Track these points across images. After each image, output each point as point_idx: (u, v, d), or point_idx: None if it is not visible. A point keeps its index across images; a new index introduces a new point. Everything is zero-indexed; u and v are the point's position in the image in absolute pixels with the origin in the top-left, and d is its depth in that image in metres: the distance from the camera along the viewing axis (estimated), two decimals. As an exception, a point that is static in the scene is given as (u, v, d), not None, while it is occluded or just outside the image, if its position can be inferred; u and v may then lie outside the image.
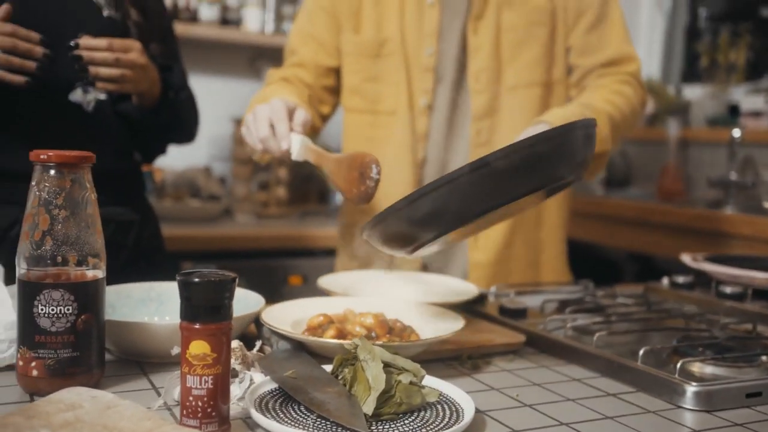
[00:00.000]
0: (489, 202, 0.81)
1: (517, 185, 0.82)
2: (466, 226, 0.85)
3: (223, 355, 0.68)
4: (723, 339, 1.00)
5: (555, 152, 0.83)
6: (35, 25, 1.20)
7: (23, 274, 0.77)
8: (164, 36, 1.47)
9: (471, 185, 0.79)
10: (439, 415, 0.74)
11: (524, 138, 0.81)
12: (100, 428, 0.64)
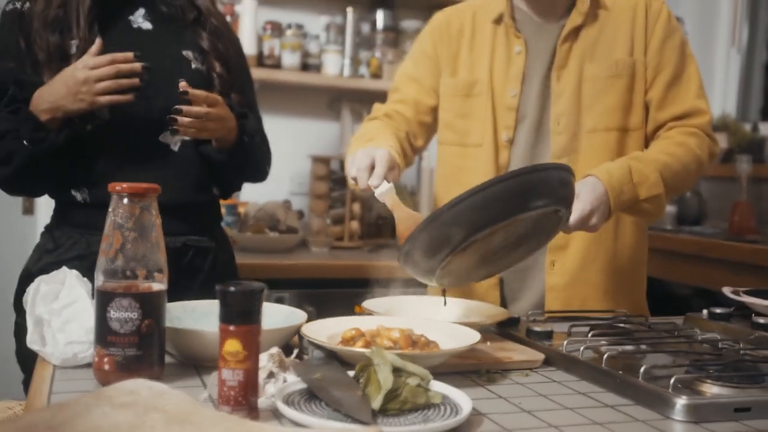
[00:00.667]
0: (472, 230, 0.96)
1: (491, 215, 1.01)
2: (467, 255, 0.99)
3: (253, 353, 0.82)
4: (731, 361, 1.07)
5: (520, 188, 1.01)
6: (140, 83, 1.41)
7: (100, 285, 0.93)
8: (243, 85, 1.65)
9: (453, 217, 0.97)
10: (440, 413, 0.85)
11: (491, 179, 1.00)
12: (151, 409, 0.78)
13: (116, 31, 1.50)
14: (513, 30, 1.57)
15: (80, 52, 1.44)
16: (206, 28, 1.56)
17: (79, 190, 1.49)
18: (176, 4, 1.56)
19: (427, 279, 1.18)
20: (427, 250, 1.07)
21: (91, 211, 1.46)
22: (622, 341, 1.19)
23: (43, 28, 1.45)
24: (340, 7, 2.94)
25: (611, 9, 1.56)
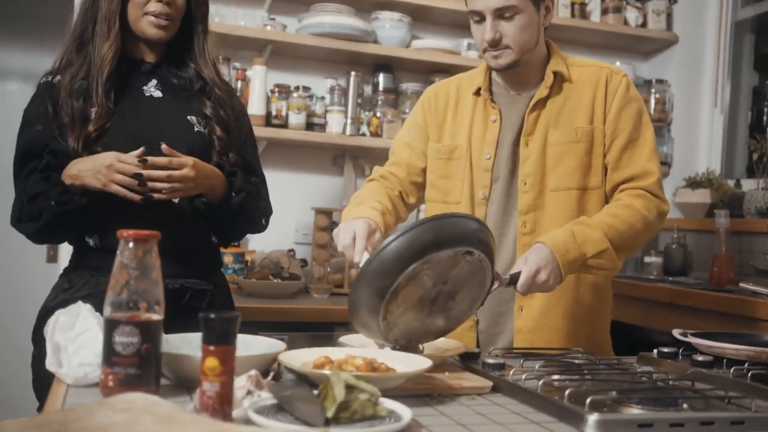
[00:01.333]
0: (391, 276, 1.26)
1: (403, 260, 1.27)
2: (402, 304, 1.23)
3: (228, 369, 0.99)
4: (650, 388, 1.23)
5: (424, 234, 1.29)
6: (140, 138, 1.63)
7: (108, 315, 1.12)
8: (246, 146, 1.86)
9: (374, 270, 1.28)
10: (384, 422, 1.02)
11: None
12: (144, 412, 0.96)
13: (130, 98, 1.73)
14: (489, 101, 1.79)
15: (97, 117, 1.67)
16: (210, 97, 1.78)
17: (91, 236, 1.71)
18: (185, 76, 1.79)
19: (379, 336, 1.38)
20: (365, 304, 1.32)
21: (101, 255, 1.67)
22: (565, 372, 1.35)
23: (68, 96, 1.68)
24: (344, 70, 3.17)
25: (576, 82, 1.76)
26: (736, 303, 2.31)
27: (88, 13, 1.74)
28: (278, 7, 3.09)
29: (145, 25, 1.72)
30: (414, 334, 1.41)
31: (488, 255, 1.39)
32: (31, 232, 1.71)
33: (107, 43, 1.70)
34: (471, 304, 1.43)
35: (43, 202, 1.64)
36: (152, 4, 1.71)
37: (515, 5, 1.65)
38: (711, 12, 3.56)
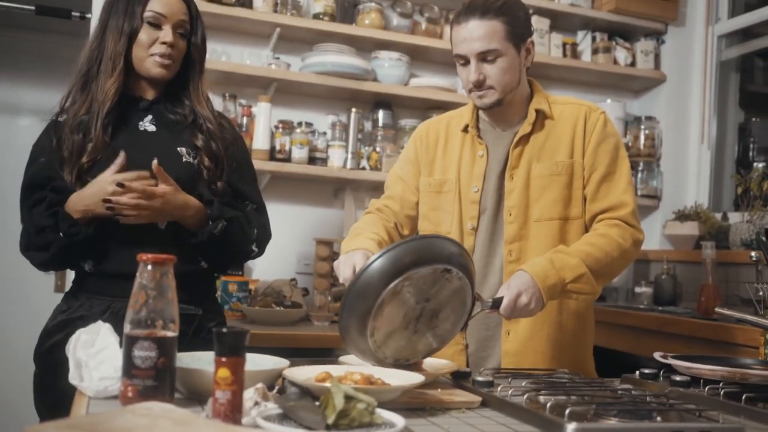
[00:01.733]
0: (377, 292, 1.39)
1: (385, 280, 1.40)
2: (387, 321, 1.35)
3: (238, 379, 1.10)
4: (627, 402, 1.33)
5: (404, 252, 1.45)
6: (129, 169, 1.75)
7: (128, 331, 1.23)
8: (243, 177, 1.97)
9: (361, 286, 1.41)
10: (380, 428, 1.12)
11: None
12: (161, 417, 1.06)
13: (125, 133, 1.85)
14: (476, 137, 1.91)
15: (91, 150, 1.79)
16: (202, 130, 1.90)
17: (86, 262, 1.82)
18: (180, 112, 1.91)
19: (370, 356, 1.49)
20: (353, 323, 1.44)
21: (95, 279, 1.81)
22: (549, 389, 1.45)
23: (70, 130, 1.81)
24: (345, 107, 3.30)
25: (557, 119, 1.89)
26: (719, 329, 2.42)
27: (94, 53, 1.86)
28: (282, 46, 3.22)
29: (149, 65, 1.85)
30: (402, 352, 1.51)
31: (467, 275, 1.50)
32: (39, 261, 1.84)
33: (110, 80, 1.82)
34: (455, 322, 1.54)
35: (50, 234, 1.76)
36: (157, 46, 1.84)
37: (497, 49, 1.78)
38: (697, 52, 3.71)
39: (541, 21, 3.46)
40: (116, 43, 1.83)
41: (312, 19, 3.18)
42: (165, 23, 1.85)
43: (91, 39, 1.89)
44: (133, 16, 1.82)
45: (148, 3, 1.84)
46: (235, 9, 3.03)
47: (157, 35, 1.85)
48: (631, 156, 3.63)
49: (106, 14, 1.86)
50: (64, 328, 1.82)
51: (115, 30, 1.84)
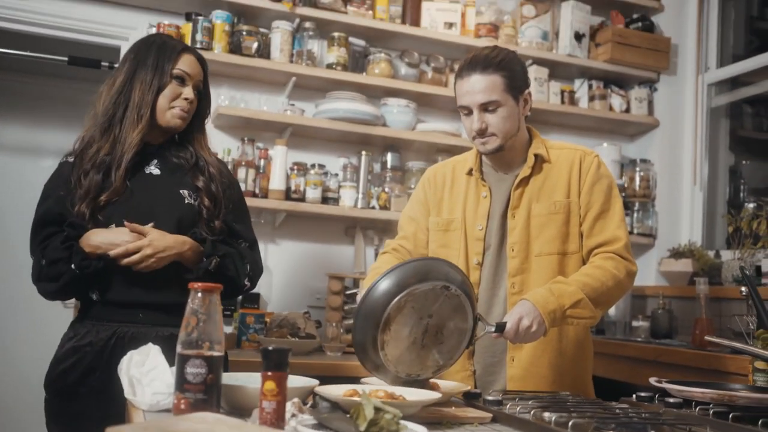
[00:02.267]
0: (383, 308, 1.60)
1: (389, 296, 1.60)
2: (395, 336, 1.59)
3: (282, 390, 1.25)
4: (623, 419, 1.48)
5: (407, 272, 1.65)
6: (136, 210, 1.95)
7: (180, 351, 1.38)
8: (233, 215, 2.13)
9: (369, 303, 1.60)
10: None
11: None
12: (217, 422, 1.22)
13: (134, 175, 2.02)
14: (480, 180, 2.09)
15: (112, 191, 1.97)
16: (203, 173, 2.09)
17: (93, 292, 1.99)
18: (183, 157, 2.10)
19: (384, 371, 1.65)
20: (364, 338, 1.62)
21: (100, 307, 1.98)
22: (553, 407, 1.60)
23: (91, 168, 1.98)
24: (355, 150, 3.48)
25: (554, 163, 2.07)
26: (711, 359, 2.57)
27: (120, 98, 2.03)
28: (298, 93, 3.41)
29: (169, 117, 2.04)
30: (413, 367, 1.67)
31: (465, 293, 1.67)
32: (49, 291, 2.00)
33: (136, 131, 2.00)
34: (459, 340, 1.70)
35: (63, 266, 1.93)
36: (179, 101, 2.05)
37: (497, 100, 1.96)
38: (688, 99, 3.92)
39: (540, 70, 3.67)
40: (144, 94, 2.02)
41: (325, 69, 3.38)
42: (188, 81, 2.06)
43: (118, 86, 2.04)
44: (163, 73, 2.02)
45: (177, 62, 2.04)
46: (255, 60, 3.23)
47: (180, 91, 2.05)
48: (627, 197, 3.82)
49: (133, 65, 2.04)
50: (73, 354, 1.96)
51: (143, 82, 2.02)
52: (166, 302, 1.98)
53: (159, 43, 2.10)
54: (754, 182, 3.90)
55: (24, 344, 4.30)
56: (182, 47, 2.11)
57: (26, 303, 4.20)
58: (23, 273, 4.08)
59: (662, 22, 3.96)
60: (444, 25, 3.54)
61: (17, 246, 4.09)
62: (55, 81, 4.24)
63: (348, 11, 3.41)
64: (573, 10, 3.71)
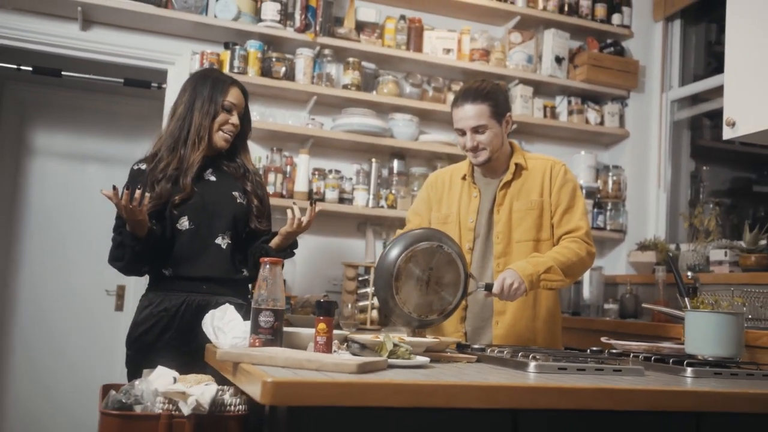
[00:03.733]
0: (395, 260, 2.17)
1: (399, 251, 2.20)
2: (407, 283, 2.18)
3: (330, 330, 1.82)
4: (571, 357, 2.04)
5: (414, 237, 2.21)
6: (202, 208, 2.49)
7: (254, 306, 1.94)
8: (269, 214, 2.71)
9: (384, 258, 2.18)
10: (413, 362, 1.84)
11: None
12: (287, 352, 1.78)
13: (198, 182, 2.55)
14: (472, 183, 2.65)
15: (183, 195, 2.49)
16: (249, 180, 2.64)
17: (166, 269, 2.52)
18: (232, 166, 2.63)
19: (400, 314, 2.21)
20: (383, 284, 2.17)
21: (172, 281, 2.51)
22: (523, 351, 2.16)
23: (162, 178, 2.51)
24: (366, 158, 3.97)
25: (530, 170, 2.63)
26: (658, 328, 3.13)
27: (183, 123, 2.56)
28: (317, 109, 3.89)
29: (218, 138, 2.59)
30: (421, 309, 2.23)
31: (456, 252, 2.23)
32: (119, 267, 2.53)
33: (198, 151, 2.54)
34: (455, 290, 2.25)
35: (122, 248, 2.46)
36: (227, 126, 2.59)
37: (485, 124, 2.51)
38: (654, 113, 4.41)
39: (526, 89, 4.15)
40: (202, 119, 2.55)
41: (342, 89, 3.86)
42: (234, 110, 2.61)
43: (180, 112, 2.57)
44: (216, 103, 2.56)
45: (227, 94, 2.58)
46: (282, 81, 3.72)
47: (228, 118, 2.59)
48: (601, 198, 4.35)
49: (192, 96, 2.56)
50: (151, 318, 2.49)
51: (201, 110, 2.55)
52: (223, 277, 2.53)
53: (212, 78, 2.63)
54: (713, 185, 4.44)
55: (71, 332, 4.62)
56: (231, 81, 2.64)
57: (73, 295, 4.62)
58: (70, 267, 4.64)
59: (632, 46, 4.43)
60: (443, 50, 4.02)
61: (64, 243, 4.62)
62: (97, 95, 4.62)
63: (361, 40, 3.91)
64: (554, 37, 4.20)
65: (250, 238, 2.64)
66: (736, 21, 2.99)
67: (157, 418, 1.70)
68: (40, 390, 4.55)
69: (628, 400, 1.61)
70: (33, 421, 4.55)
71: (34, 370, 4.56)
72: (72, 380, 4.59)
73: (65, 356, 4.61)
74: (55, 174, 4.70)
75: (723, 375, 2.00)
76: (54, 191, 4.69)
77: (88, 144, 4.76)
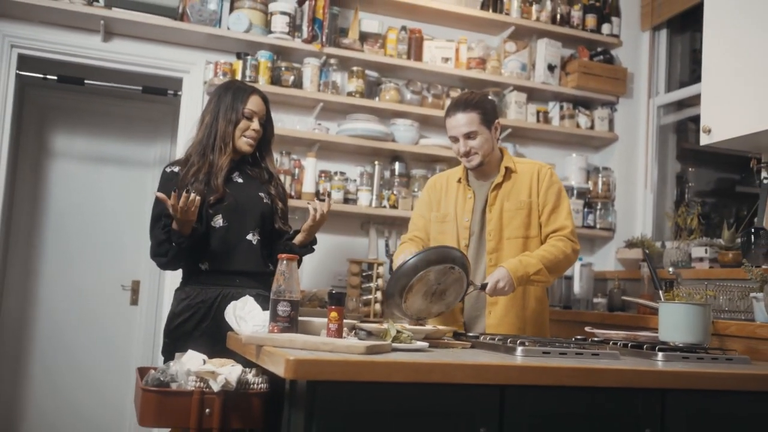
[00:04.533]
0: (409, 278, 2.38)
1: (414, 270, 2.41)
2: (414, 294, 2.41)
3: (341, 318, 2.06)
4: (556, 344, 2.29)
5: (427, 257, 2.40)
6: (234, 207, 2.70)
7: (273, 296, 2.18)
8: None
9: (400, 273, 2.39)
10: (414, 347, 2.09)
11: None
12: (303, 337, 2.03)
13: (227, 184, 2.76)
14: (466, 186, 2.89)
15: (217, 195, 2.70)
16: (272, 183, 2.87)
17: (202, 263, 2.73)
18: (257, 170, 2.85)
19: (401, 313, 2.45)
20: (394, 294, 2.41)
21: (207, 275, 2.71)
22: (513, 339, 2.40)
23: (194, 181, 2.72)
24: (369, 160, 4.18)
25: (519, 173, 2.87)
26: (639, 319, 3.37)
27: (211, 130, 2.78)
28: (323, 115, 4.10)
29: (241, 143, 2.80)
30: (421, 312, 2.48)
31: (465, 270, 2.48)
32: (162, 263, 2.71)
33: (225, 155, 2.75)
34: (455, 297, 2.51)
35: (166, 245, 2.66)
36: (249, 132, 2.80)
37: (476, 130, 2.75)
38: (642, 118, 4.64)
39: (520, 95, 4.37)
40: (226, 127, 2.77)
41: (346, 96, 4.07)
42: (254, 117, 2.82)
43: (208, 121, 2.79)
44: (237, 111, 2.77)
45: (247, 102, 2.80)
46: (290, 89, 3.93)
47: (249, 124, 2.80)
48: (591, 198, 4.59)
49: (217, 106, 2.78)
50: (188, 309, 2.70)
51: (225, 118, 2.77)
52: (254, 271, 2.74)
53: (234, 88, 2.86)
54: (698, 186, 4.67)
55: (80, 328, 4.78)
56: (251, 91, 2.86)
57: (82, 293, 4.80)
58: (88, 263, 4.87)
59: (621, 54, 4.65)
60: (441, 59, 4.23)
61: (82, 240, 4.85)
62: (113, 100, 4.82)
63: (364, 50, 4.12)
64: (547, 46, 4.42)
65: (273, 237, 2.86)
66: (713, 32, 3.22)
67: (190, 394, 1.94)
68: (56, 382, 4.72)
69: (601, 378, 1.85)
70: (50, 416, 4.70)
71: (51, 363, 4.72)
72: (89, 372, 4.78)
73: (82, 348, 4.79)
74: (74, 175, 4.88)
75: (690, 359, 2.24)
76: (73, 192, 4.87)
77: (106, 147, 4.94)
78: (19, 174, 4.71)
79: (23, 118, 4.73)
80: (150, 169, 4.99)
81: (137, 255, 4.87)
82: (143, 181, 4.95)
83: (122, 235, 4.89)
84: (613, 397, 1.88)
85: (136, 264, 4.91)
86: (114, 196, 4.91)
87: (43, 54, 3.84)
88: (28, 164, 4.79)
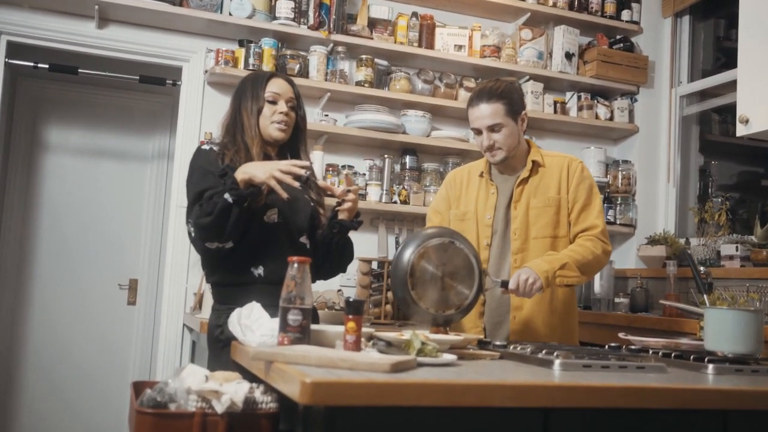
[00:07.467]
0: (408, 256, 2.20)
1: (412, 248, 2.23)
2: (423, 281, 2.21)
3: (359, 328, 1.86)
4: (594, 355, 2.08)
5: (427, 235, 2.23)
6: (290, 203, 2.41)
7: (282, 305, 1.98)
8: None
9: (399, 256, 2.19)
10: (441, 360, 1.88)
11: None
12: (318, 350, 1.82)
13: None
14: (489, 180, 2.68)
15: (270, 188, 2.32)
16: (312, 188, 2.62)
17: (257, 268, 2.43)
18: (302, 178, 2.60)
19: (417, 308, 2.24)
20: (399, 281, 2.21)
21: (262, 285, 2.37)
22: (545, 348, 2.20)
23: (234, 164, 2.39)
24: (379, 153, 4.03)
25: (548, 167, 2.66)
26: (672, 323, 3.17)
27: (236, 125, 2.46)
28: (330, 106, 3.94)
29: (271, 130, 2.50)
30: (438, 304, 2.25)
31: (468, 248, 2.25)
32: (202, 225, 2.25)
33: (255, 148, 2.43)
34: (469, 285, 2.27)
35: (217, 198, 2.22)
36: (276, 116, 2.48)
37: (501, 122, 2.54)
38: (663, 109, 4.48)
39: (536, 85, 4.21)
40: (249, 118, 2.47)
41: (354, 86, 3.91)
42: (279, 99, 2.51)
43: (231, 115, 2.50)
44: (258, 98, 2.48)
45: (267, 86, 2.50)
46: (296, 78, 3.72)
47: (275, 109, 2.48)
48: (610, 192, 4.40)
49: (238, 98, 2.51)
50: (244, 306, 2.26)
51: (247, 108, 2.48)
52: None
53: (252, 77, 2.57)
54: (722, 180, 4.49)
55: (76, 328, 4.65)
56: (270, 75, 2.55)
57: (77, 292, 4.65)
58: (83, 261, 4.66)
59: (641, 42, 4.49)
60: (454, 47, 4.08)
61: (77, 237, 4.66)
62: (110, 91, 4.66)
63: (373, 37, 3.96)
64: (564, 33, 4.25)
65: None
66: (749, 18, 3.02)
67: (191, 416, 1.74)
68: (51, 383, 4.60)
69: (656, 399, 1.65)
70: (45, 417, 4.59)
71: (47, 364, 4.61)
72: (85, 373, 4.65)
73: (78, 349, 4.66)
74: (69, 169, 4.73)
75: (744, 372, 2.04)
76: (67, 187, 4.73)
77: (101, 139, 4.80)
78: (10, 169, 4.57)
79: (15, 110, 4.55)
80: (148, 163, 4.82)
81: (135, 253, 4.72)
82: (141, 176, 4.79)
83: (119, 233, 4.72)
84: (669, 419, 1.68)
85: (134, 262, 4.75)
86: (110, 191, 4.74)
87: (34, 41, 3.66)
88: (21, 158, 4.63)
